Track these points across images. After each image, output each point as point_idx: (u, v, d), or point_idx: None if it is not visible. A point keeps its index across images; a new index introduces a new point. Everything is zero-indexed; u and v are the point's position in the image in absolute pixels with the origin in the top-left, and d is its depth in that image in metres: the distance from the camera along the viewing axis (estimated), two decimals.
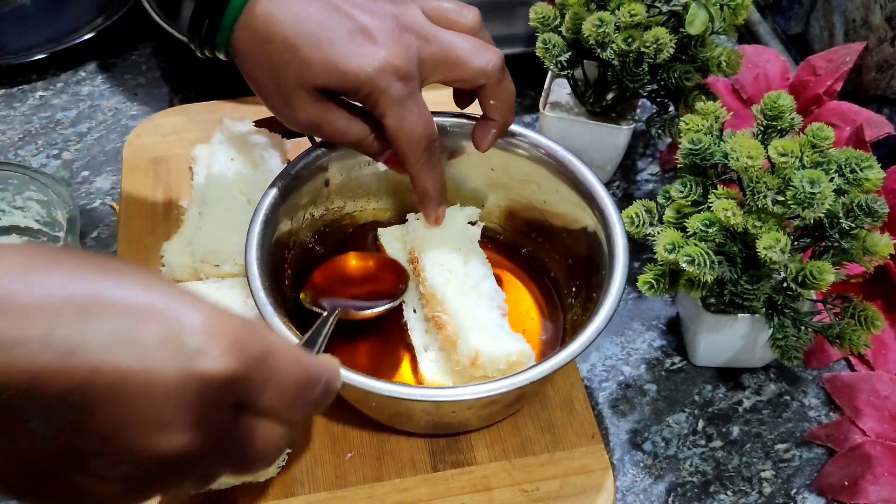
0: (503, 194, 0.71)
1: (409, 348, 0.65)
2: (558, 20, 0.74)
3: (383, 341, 0.66)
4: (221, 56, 0.58)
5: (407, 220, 0.68)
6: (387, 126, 0.56)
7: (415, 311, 0.65)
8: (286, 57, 0.54)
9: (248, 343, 0.33)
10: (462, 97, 0.64)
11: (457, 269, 0.64)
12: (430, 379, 0.62)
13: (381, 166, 0.66)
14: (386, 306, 0.63)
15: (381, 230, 0.70)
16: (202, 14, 0.55)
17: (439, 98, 0.87)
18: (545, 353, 0.65)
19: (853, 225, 0.57)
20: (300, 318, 0.61)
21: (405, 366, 0.65)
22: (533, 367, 0.54)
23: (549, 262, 0.70)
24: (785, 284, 0.61)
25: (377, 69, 0.53)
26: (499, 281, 0.69)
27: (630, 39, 0.68)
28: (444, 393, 0.55)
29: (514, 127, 0.66)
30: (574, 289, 0.67)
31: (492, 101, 0.61)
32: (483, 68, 0.58)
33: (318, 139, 0.66)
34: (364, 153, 0.61)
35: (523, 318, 0.67)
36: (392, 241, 0.69)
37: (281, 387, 0.35)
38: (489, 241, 0.72)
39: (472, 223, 0.68)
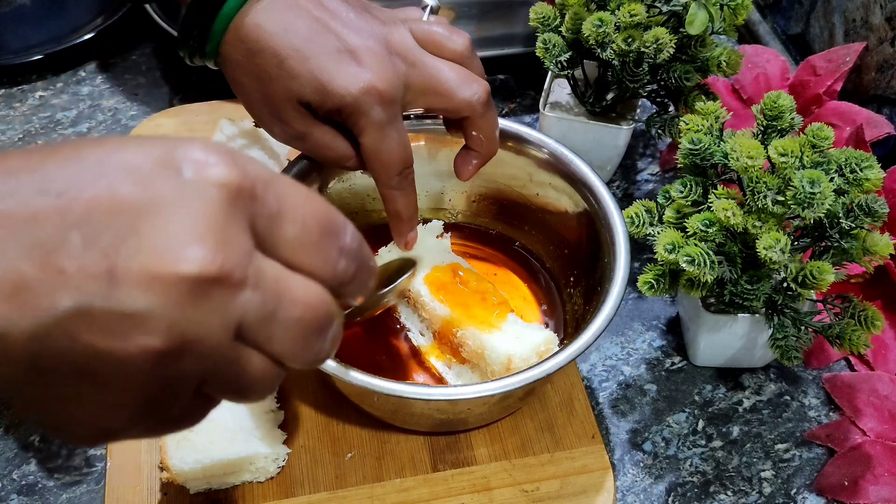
0: (494, 188, 0.71)
1: (422, 368, 0.65)
2: (558, 20, 0.74)
3: (395, 368, 0.66)
4: (210, 65, 0.58)
5: (379, 254, 0.68)
6: (363, 145, 0.56)
7: (422, 334, 0.65)
8: (273, 70, 0.54)
9: (248, 163, 0.30)
10: (452, 127, 0.63)
11: (450, 286, 0.64)
12: None
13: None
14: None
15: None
16: (192, 21, 0.55)
17: None
18: None
19: (853, 225, 0.57)
20: None
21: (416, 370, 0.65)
22: (536, 365, 0.55)
23: (544, 254, 0.71)
24: (785, 284, 0.61)
25: (361, 91, 0.53)
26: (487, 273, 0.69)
27: (630, 39, 0.68)
28: (456, 391, 0.55)
29: (502, 121, 0.66)
30: (572, 279, 0.67)
31: (474, 133, 0.60)
32: (467, 101, 0.57)
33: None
34: (347, 170, 0.60)
35: (522, 313, 0.68)
36: None
37: (298, 218, 0.30)
38: (480, 237, 0.73)
39: (439, 236, 0.69)
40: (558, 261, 0.69)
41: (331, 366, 0.54)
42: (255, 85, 0.56)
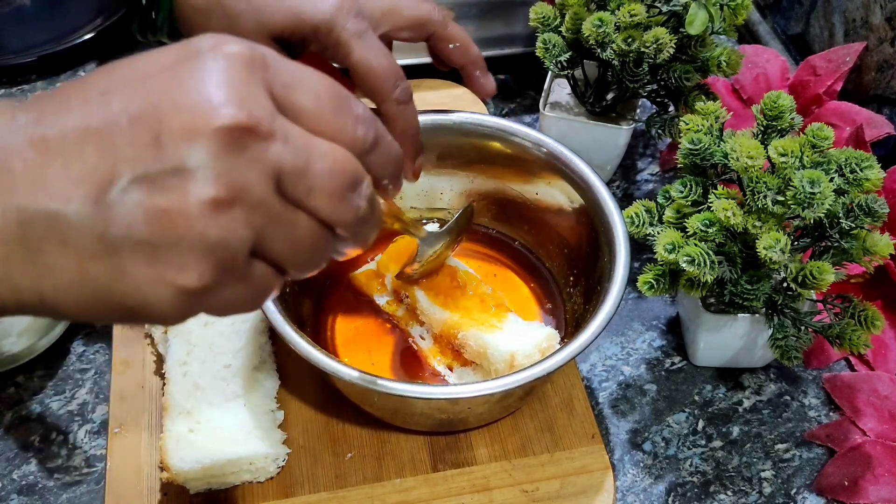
0: (493, 187, 0.71)
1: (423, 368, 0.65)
2: (558, 20, 0.74)
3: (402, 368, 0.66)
4: (163, 35, 0.59)
5: (375, 259, 0.68)
6: (354, 63, 0.56)
7: (422, 338, 0.65)
8: (241, 6, 0.55)
9: (258, 45, 0.33)
10: (435, 58, 0.65)
11: (449, 290, 0.64)
12: None
13: None
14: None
15: (353, 275, 0.69)
16: None
17: (438, 98, 0.87)
18: None
19: (853, 225, 0.57)
20: (297, 303, 0.62)
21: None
22: (535, 364, 0.55)
23: (544, 254, 0.71)
24: (785, 284, 0.61)
25: (333, 8, 0.55)
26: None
27: (630, 39, 0.68)
28: (456, 391, 0.55)
29: (502, 121, 0.67)
30: (572, 279, 0.67)
31: (451, 46, 0.62)
32: (427, 13, 0.60)
33: None
34: None
35: (523, 313, 0.68)
36: (369, 282, 0.68)
37: (310, 89, 0.34)
38: (481, 237, 0.73)
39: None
40: (558, 260, 0.69)
41: (331, 365, 0.54)
42: (222, 25, 0.57)
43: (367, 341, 0.66)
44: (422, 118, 0.67)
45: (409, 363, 0.65)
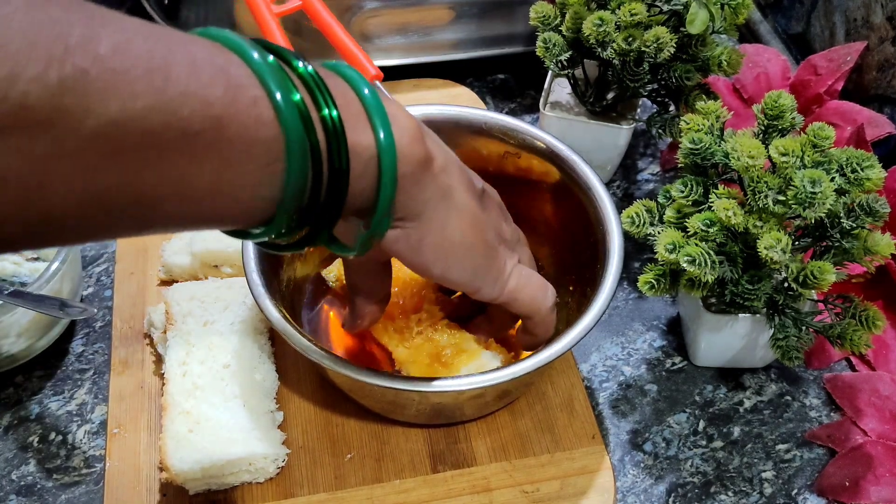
0: (501, 189, 0.71)
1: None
2: (558, 19, 0.74)
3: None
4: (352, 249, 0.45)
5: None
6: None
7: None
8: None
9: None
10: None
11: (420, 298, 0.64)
12: None
13: None
14: None
15: (324, 272, 0.68)
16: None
17: (438, 97, 0.87)
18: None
19: (854, 225, 0.57)
20: (293, 303, 0.62)
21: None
22: (522, 361, 0.55)
23: (544, 258, 0.70)
24: (786, 284, 0.60)
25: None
26: None
27: (630, 39, 0.67)
28: (432, 385, 0.55)
29: (513, 121, 0.67)
30: (571, 287, 0.67)
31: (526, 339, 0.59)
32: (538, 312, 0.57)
33: None
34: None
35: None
36: (336, 280, 0.67)
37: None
38: None
39: None
40: (558, 265, 0.69)
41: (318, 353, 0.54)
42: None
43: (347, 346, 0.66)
44: (430, 111, 0.67)
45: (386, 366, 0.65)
